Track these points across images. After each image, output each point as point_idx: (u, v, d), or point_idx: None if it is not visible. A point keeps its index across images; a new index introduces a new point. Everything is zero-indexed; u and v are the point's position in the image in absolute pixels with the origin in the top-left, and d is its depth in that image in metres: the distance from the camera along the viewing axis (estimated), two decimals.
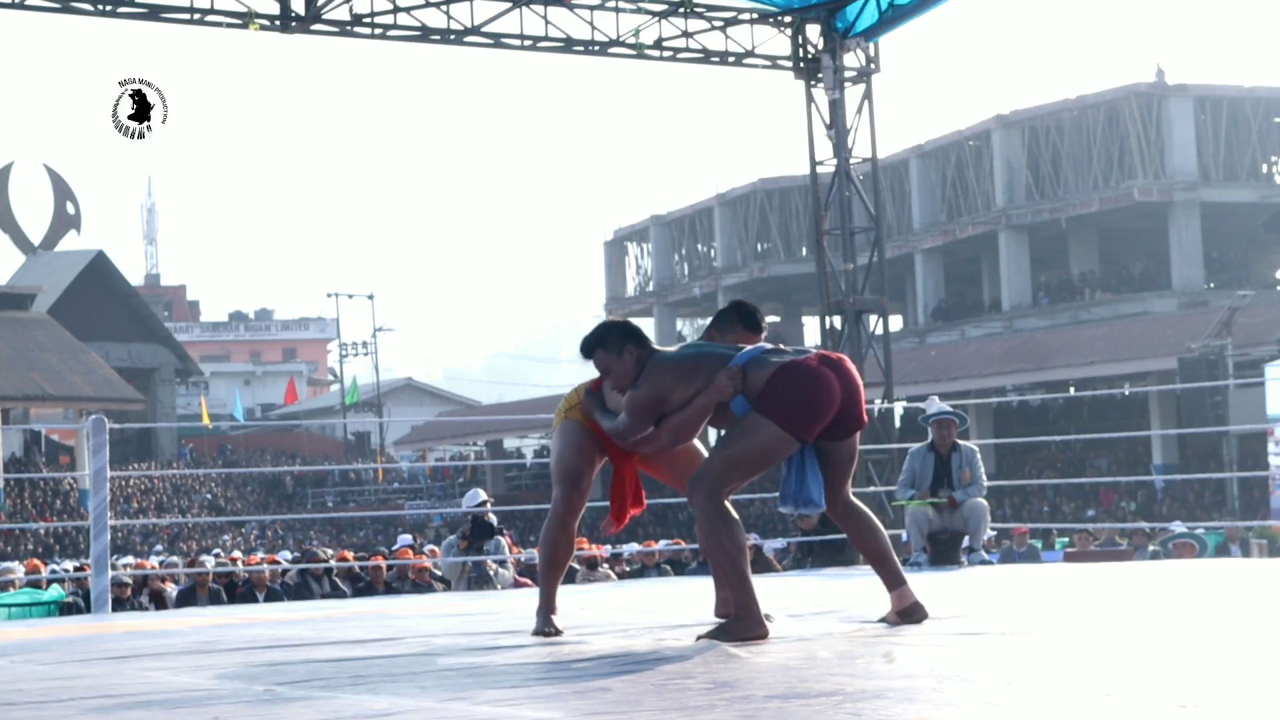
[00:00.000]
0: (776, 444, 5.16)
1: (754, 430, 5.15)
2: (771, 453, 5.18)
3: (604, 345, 5.36)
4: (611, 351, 5.35)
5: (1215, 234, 42.76)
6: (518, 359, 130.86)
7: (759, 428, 5.14)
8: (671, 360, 5.30)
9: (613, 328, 5.43)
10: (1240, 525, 18.75)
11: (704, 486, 5.18)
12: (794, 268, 48.69)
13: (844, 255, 16.60)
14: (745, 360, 5.21)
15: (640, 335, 5.41)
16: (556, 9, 15.49)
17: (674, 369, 5.25)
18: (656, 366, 5.27)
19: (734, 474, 5.21)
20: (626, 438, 5.38)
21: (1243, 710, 3.16)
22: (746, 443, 5.16)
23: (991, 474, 26.16)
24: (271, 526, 40.95)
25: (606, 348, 5.36)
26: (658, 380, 5.23)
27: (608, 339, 5.37)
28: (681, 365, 5.27)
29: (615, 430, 5.40)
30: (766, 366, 5.18)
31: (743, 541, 5.21)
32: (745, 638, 5.05)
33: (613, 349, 5.35)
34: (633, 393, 5.27)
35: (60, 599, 12.38)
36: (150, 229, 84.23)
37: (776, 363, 5.19)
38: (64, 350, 43.41)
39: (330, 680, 4.43)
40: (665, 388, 5.22)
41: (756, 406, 5.14)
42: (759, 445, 5.15)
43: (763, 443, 5.14)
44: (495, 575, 12.29)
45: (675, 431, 5.28)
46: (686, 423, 5.25)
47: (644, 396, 5.24)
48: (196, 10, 14.15)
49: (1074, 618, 5.78)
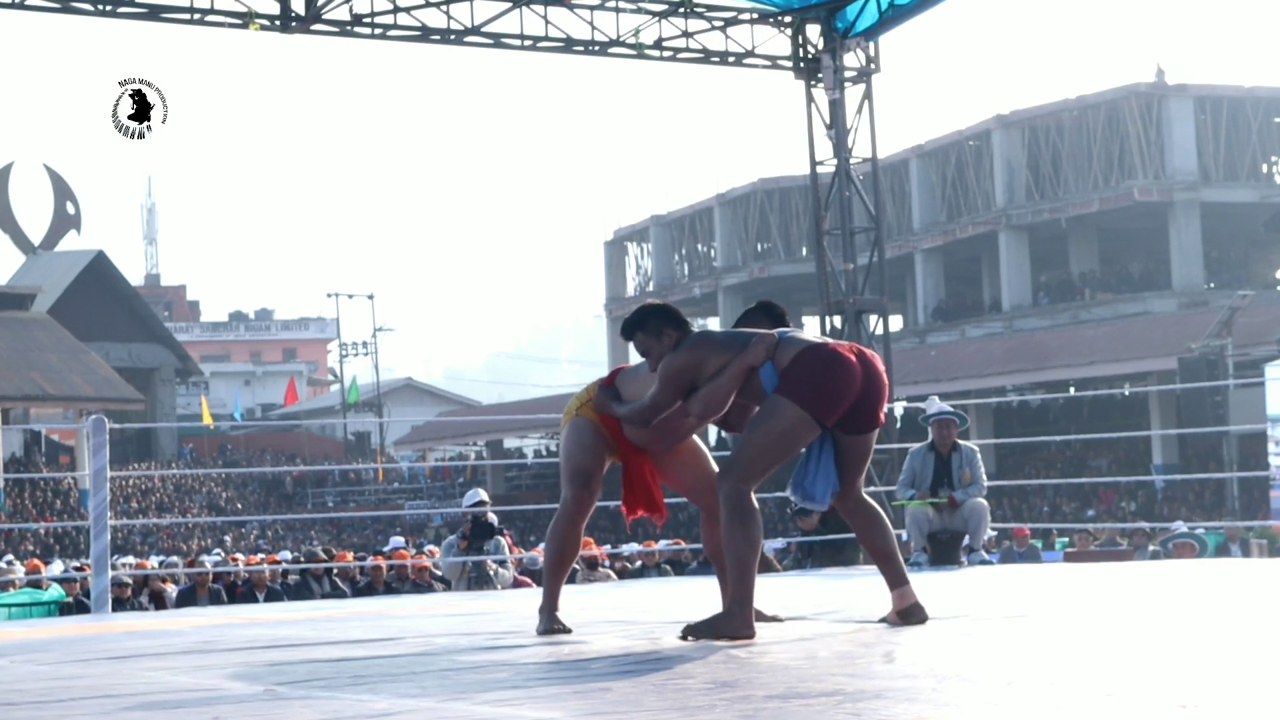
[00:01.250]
0: (798, 424, 5.17)
1: (775, 413, 5.18)
2: (794, 434, 5.20)
3: (643, 328, 5.45)
4: (651, 334, 5.43)
5: (1215, 234, 42.76)
6: (518, 359, 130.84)
7: (779, 409, 5.17)
8: (710, 334, 5.42)
9: (653, 310, 5.51)
10: (1240, 525, 18.75)
11: (732, 475, 5.21)
12: (794, 268, 48.68)
13: (844, 255, 16.59)
14: (780, 336, 5.29)
15: (680, 318, 5.49)
16: (556, 9, 15.49)
17: (711, 340, 5.35)
18: (696, 339, 5.36)
19: (761, 460, 5.23)
20: (654, 412, 5.36)
21: (1243, 710, 3.16)
22: (769, 425, 5.20)
23: (992, 474, 26.12)
24: (271, 526, 40.94)
25: (646, 330, 5.44)
26: (695, 349, 5.30)
27: (648, 322, 5.45)
28: (718, 338, 5.37)
29: (641, 408, 5.40)
30: (795, 345, 5.23)
31: (757, 539, 5.21)
32: (731, 636, 5.04)
33: (652, 331, 5.43)
34: (668, 359, 5.31)
35: (60, 599, 12.39)
36: (150, 229, 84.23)
37: (805, 343, 5.24)
38: (64, 350, 43.41)
39: (330, 680, 4.43)
40: (701, 356, 5.27)
41: (779, 387, 5.17)
42: (781, 426, 5.17)
43: (785, 424, 5.17)
44: (495, 575, 12.28)
45: (706, 399, 5.30)
46: (717, 390, 5.27)
47: (679, 362, 5.28)
48: (196, 10, 14.15)
49: (1074, 618, 5.78)
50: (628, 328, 5.50)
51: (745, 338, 5.30)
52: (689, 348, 5.30)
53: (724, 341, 5.32)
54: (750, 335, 5.32)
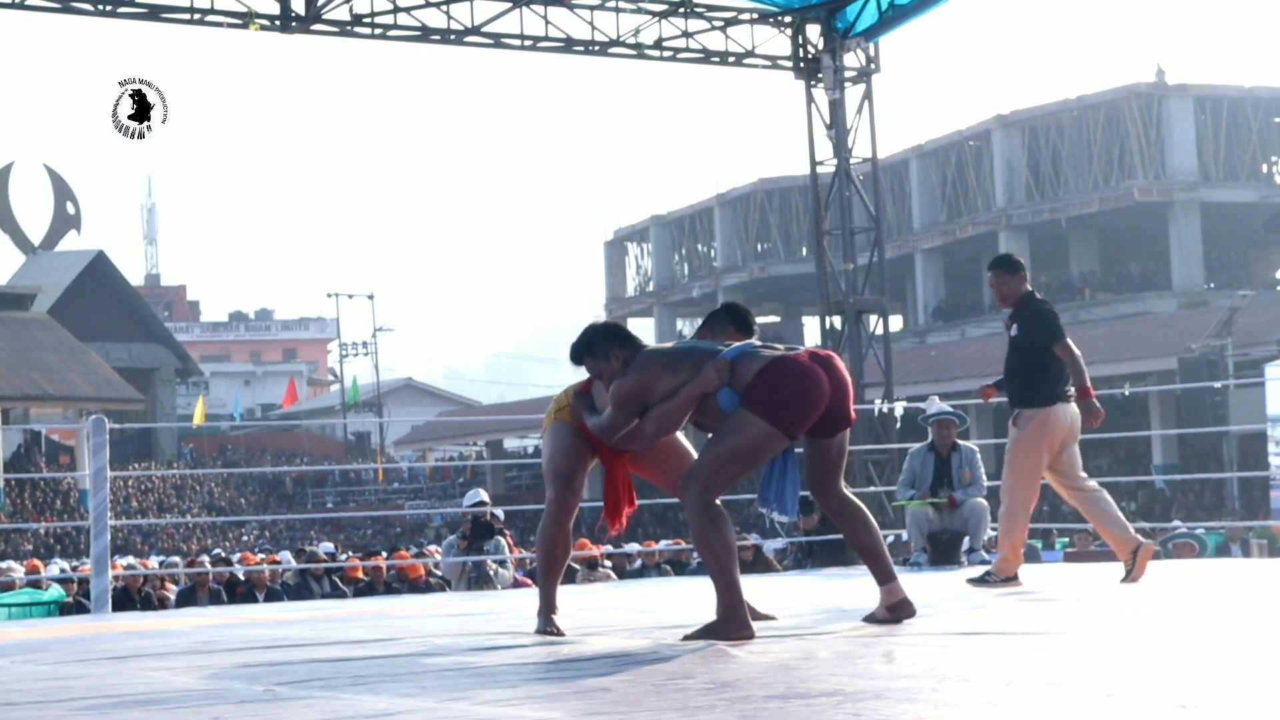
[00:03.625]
0: (765, 440, 5.16)
1: (742, 427, 5.15)
2: (760, 448, 5.18)
3: (590, 351, 5.43)
4: (599, 358, 5.41)
5: (1215, 234, 42.75)
6: (518, 359, 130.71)
7: (747, 424, 5.14)
8: (659, 353, 5.34)
9: (598, 333, 5.48)
10: (1240, 525, 18.76)
11: (695, 486, 5.18)
12: (794, 268, 48.68)
13: (844, 255, 16.59)
14: (735, 355, 5.22)
15: (627, 337, 5.45)
16: (556, 9, 15.50)
17: (661, 361, 5.28)
18: (644, 359, 5.30)
19: (724, 472, 5.21)
20: (611, 432, 5.39)
21: (1243, 710, 3.16)
22: (735, 440, 5.17)
23: (991, 474, 26.10)
24: (271, 526, 40.94)
25: (594, 354, 5.42)
26: (643, 372, 5.26)
27: (594, 345, 5.43)
28: (668, 357, 5.30)
29: (599, 426, 5.42)
30: (756, 360, 5.19)
31: (731, 542, 5.20)
32: (730, 639, 5.05)
33: (599, 355, 5.40)
34: (618, 383, 5.29)
35: (60, 599, 12.38)
36: (150, 229, 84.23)
37: (766, 357, 5.19)
38: (64, 350, 43.41)
39: (330, 680, 4.43)
40: (650, 379, 5.24)
41: (744, 402, 5.14)
42: (747, 442, 5.15)
43: (751, 439, 5.14)
44: (495, 575, 12.28)
45: (658, 422, 5.28)
46: (670, 413, 5.25)
47: (628, 387, 5.26)
48: (196, 10, 14.15)
49: (1074, 618, 5.78)
50: (575, 352, 5.48)
51: (697, 357, 5.24)
52: (637, 370, 5.25)
53: (674, 362, 5.25)
54: (702, 354, 5.25)
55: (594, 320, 5.98)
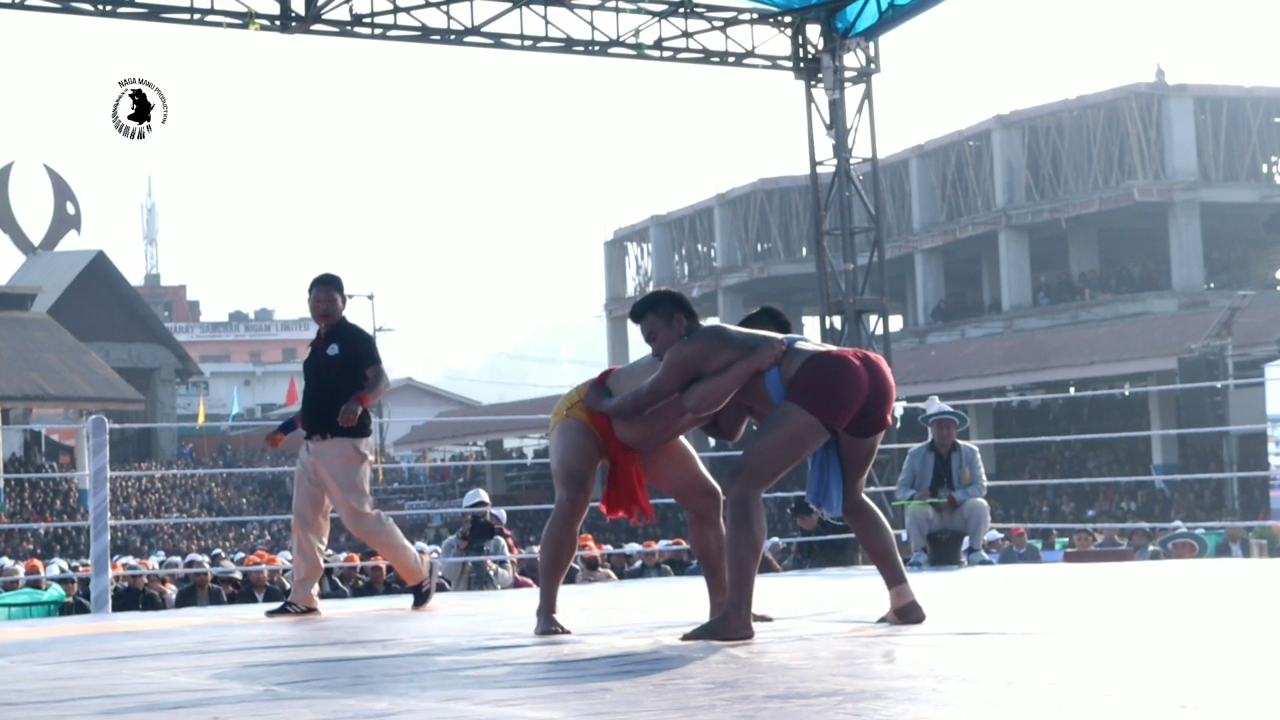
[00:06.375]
0: (807, 430, 5.19)
1: (785, 418, 5.20)
2: (803, 439, 5.21)
3: (655, 309, 5.43)
4: (662, 316, 5.41)
5: (1215, 234, 42.75)
6: (518, 359, 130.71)
7: (789, 414, 5.19)
8: (722, 329, 5.39)
9: (667, 295, 5.51)
10: (1240, 525, 18.76)
11: (742, 478, 5.21)
12: (794, 268, 48.68)
13: (844, 255, 16.59)
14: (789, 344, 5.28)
15: (692, 309, 5.49)
16: (556, 9, 15.49)
17: (722, 335, 5.32)
18: (708, 329, 5.35)
19: (771, 465, 5.24)
20: (652, 399, 5.34)
21: (1243, 710, 3.16)
22: (779, 431, 5.21)
23: (991, 474, 26.13)
24: (271, 526, 40.93)
25: (658, 312, 5.42)
26: (707, 341, 5.29)
27: (660, 304, 5.44)
28: (730, 335, 5.34)
29: (638, 394, 5.38)
30: (801, 354, 5.24)
31: (759, 542, 5.21)
32: (730, 638, 5.05)
33: (663, 314, 5.41)
34: (676, 347, 5.30)
35: (60, 599, 12.39)
36: (150, 229, 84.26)
37: (810, 352, 5.24)
38: (64, 350, 43.41)
39: (330, 680, 4.43)
40: (711, 350, 5.26)
41: (788, 394, 5.19)
42: (790, 432, 5.19)
43: (793, 430, 5.18)
44: (495, 575, 12.28)
45: (703, 394, 5.29)
46: (717, 388, 5.27)
47: (688, 351, 5.27)
48: (196, 10, 14.14)
49: (1074, 618, 5.78)
50: (639, 308, 5.48)
51: (756, 340, 5.30)
52: (703, 338, 5.29)
53: (736, 339, 5.30)
54: (762, 338, 5.31)
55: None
